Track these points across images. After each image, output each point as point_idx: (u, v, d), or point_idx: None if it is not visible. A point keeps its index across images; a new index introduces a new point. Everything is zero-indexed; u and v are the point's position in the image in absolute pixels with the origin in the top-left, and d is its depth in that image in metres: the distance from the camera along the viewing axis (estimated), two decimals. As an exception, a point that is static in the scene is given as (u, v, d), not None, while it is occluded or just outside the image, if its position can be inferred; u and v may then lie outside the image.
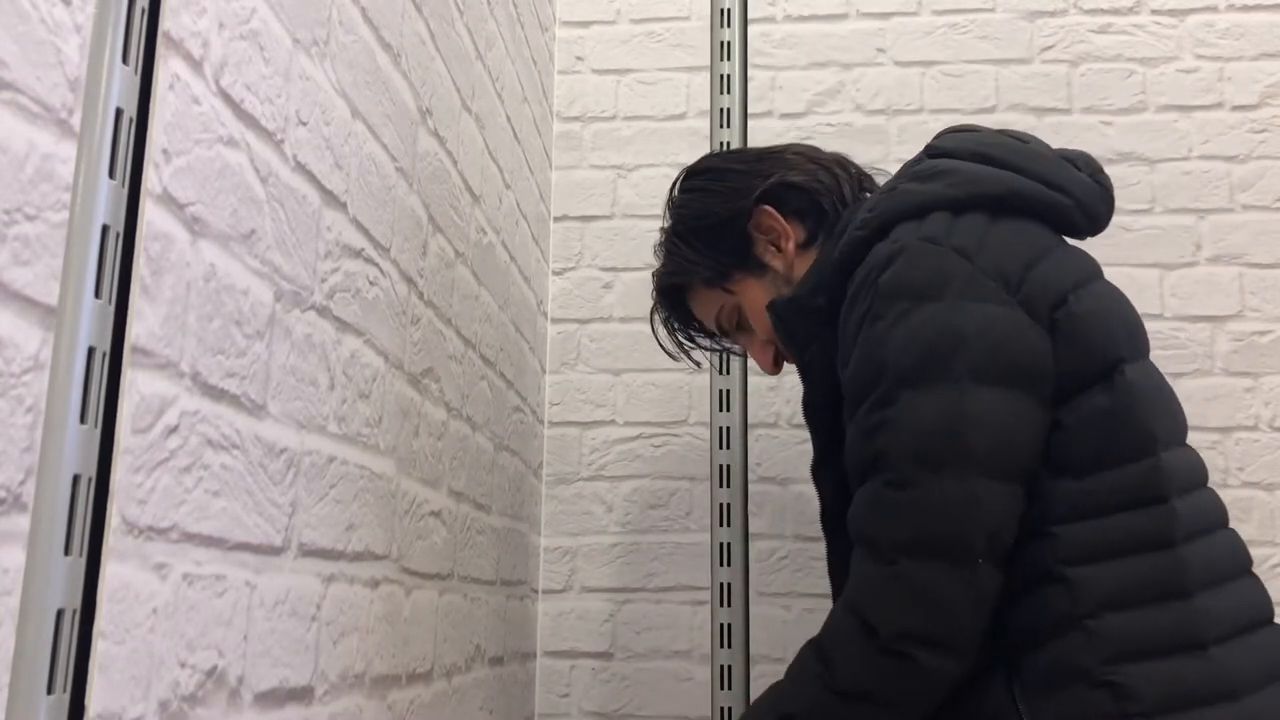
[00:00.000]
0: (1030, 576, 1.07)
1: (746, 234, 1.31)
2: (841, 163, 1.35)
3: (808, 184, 1.31)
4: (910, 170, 1.24)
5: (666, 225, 1.40)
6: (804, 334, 1.25)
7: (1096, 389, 1.10)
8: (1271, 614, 1.12)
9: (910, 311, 1.09)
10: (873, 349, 1.10)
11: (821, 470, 1.27)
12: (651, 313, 1.45)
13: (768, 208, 1.31)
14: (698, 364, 1.53)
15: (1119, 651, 1.03)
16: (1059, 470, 1.08)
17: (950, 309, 1.08)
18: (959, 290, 1.09)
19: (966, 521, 1.04)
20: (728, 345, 1.50)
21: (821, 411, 1.25)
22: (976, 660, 1.05)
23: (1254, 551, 1.17)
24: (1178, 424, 1.16)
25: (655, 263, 1.42)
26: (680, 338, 1.45)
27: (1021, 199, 1.17)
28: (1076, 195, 1.20)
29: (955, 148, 1.23)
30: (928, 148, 1.27)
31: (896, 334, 1.09)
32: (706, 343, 1.48)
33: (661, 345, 1.47)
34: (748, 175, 1.34)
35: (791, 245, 1.30)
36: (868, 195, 1.32)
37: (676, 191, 1.39)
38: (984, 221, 1.14)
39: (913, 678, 1.04)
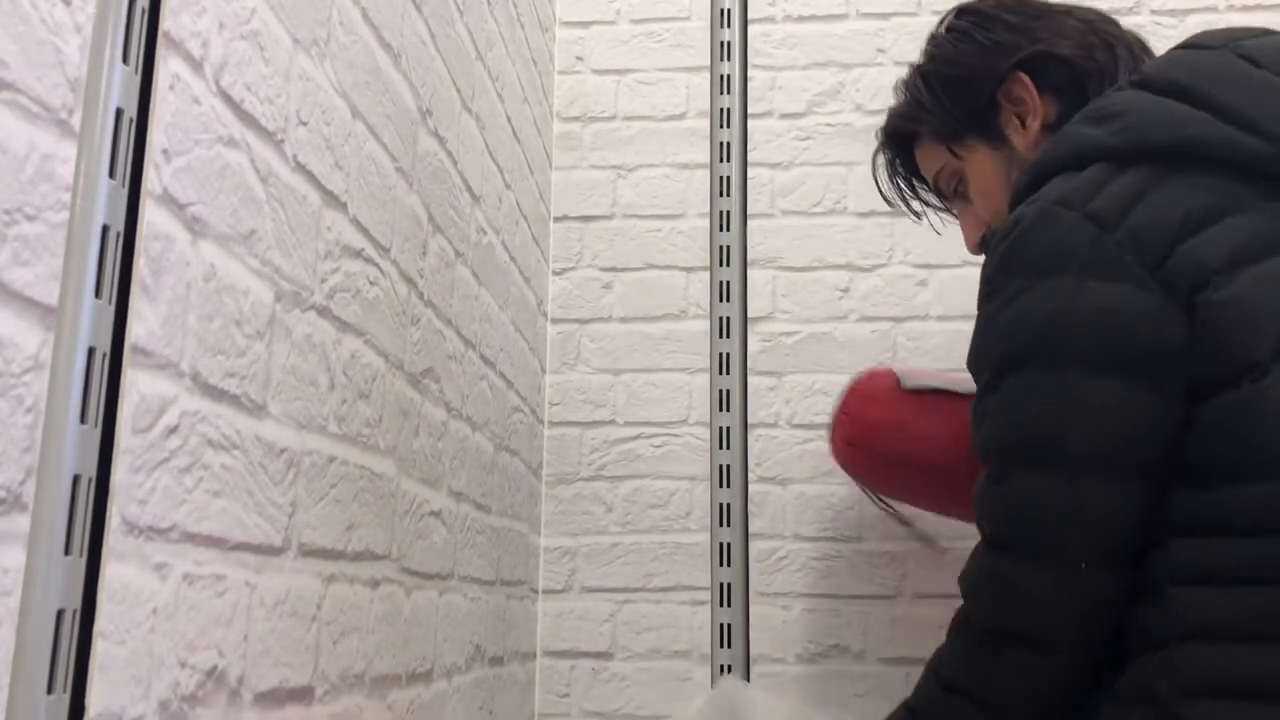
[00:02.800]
0: (1139, 587, 0.97)
1: (994, 98, 1.18)
2: (1129, 43, 1.18)
3: (1077, 59, 1.15)
4: (1093, 105, 1.09)
5: (917, 63, 1.27)
6: None
7: (1226, 393, 0.95)
8: None
9: (1026, 290, 1.00)
10: (984, 331, 1.04)
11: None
12: (875, 154, 1.34)
13: (1024, 76, 1.16)
14: (917, 215, 1.36)
15: (1200, 685, 0.92)
16: (1182, 477, 0.96)
17: (1071, 287, 0.98)
18: (1083, 265, 0.98)
19: (1062, 523, 0.97)
20: (947, 206, 1.33)
21: None
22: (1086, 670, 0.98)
23: (1254, 551, 1.16)
24: None
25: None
26: (901, 184, 1.33)
27: (1202, 149, 1.00)
28: None
29: (1157, 75, 1.07)
30: (1137, 72, 1.11)
31: (1008, 315, 1.01)
32: (927, 198, 1.33)
33: (879, 188, 1.35)
34: (1016, 31, 1.19)
35: (1037, 124, 1.16)
36: None
37: (940, 28, 1.26)
38: (1148, 178, 1.00)
39: (1000, 674, 1.00)
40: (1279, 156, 0.99)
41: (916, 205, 1.34)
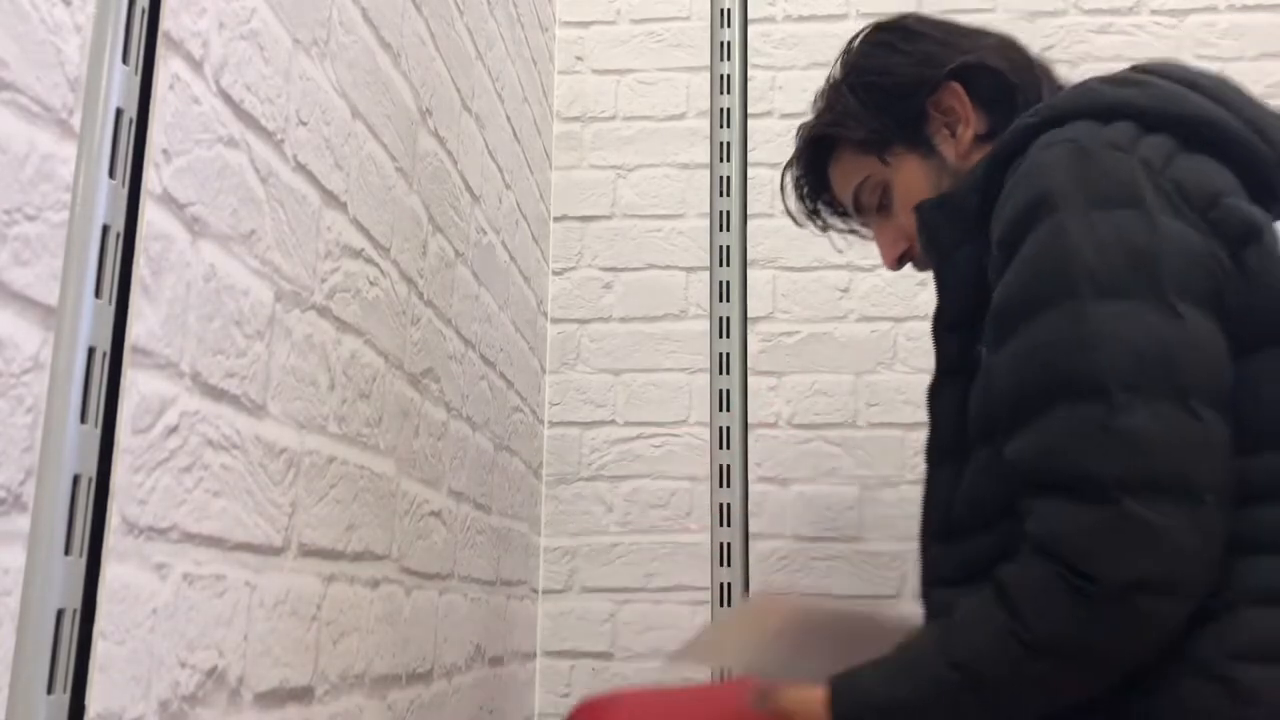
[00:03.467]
0: None
1: (923, 108, 1.17)
2: (1045, 67, 1.21)
3: (1007, 72, 1.16)
4: (1104, 76, 1.09)
5: (836, 76, 1.25)
6: (948, 239, 1.11)
7: (1272, 351, 0.94)
8: None
9: (1102, 215, 0.95)
10: (1058, 253, 0.95)
11: (942, 392, 1.13)
12: (784, 169, 1.31)
13: (956, 86, 1.16)
14: (822, 229, 1.34)
15: (1248, 648, 0.90)
16: None
17: (1148, 218, 0.94)
18: (1153, 202, 0.95)
19: (1193, 454, 0.90)
20: (853, 226, 1.32)
21: (952, 328, 1.12)
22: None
23: (1254, 551, 1.16)
24: None
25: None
26: (807, 203, 1.30)
27: (1219, 132, 1.01)
28: None
29: (1163, 69, 1.08)
30: (1133, 66, 1.12)
31: (1091, 238, 0.94)
32: (830, 219, 1.31)
33: (786, 206, 1.32)
34: (944, 46, 1.19)
35: (969, 134, 1.16)
36: None
37: (857, 43, 1.25)
38: (1172, 145, 0.99)
39: (1132, 627, 0.90)
40: (1279, 163, 1.01)
41: (821, 221, 1.31)
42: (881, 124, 1.18)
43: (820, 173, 1.26)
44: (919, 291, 1.92)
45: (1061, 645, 0.91)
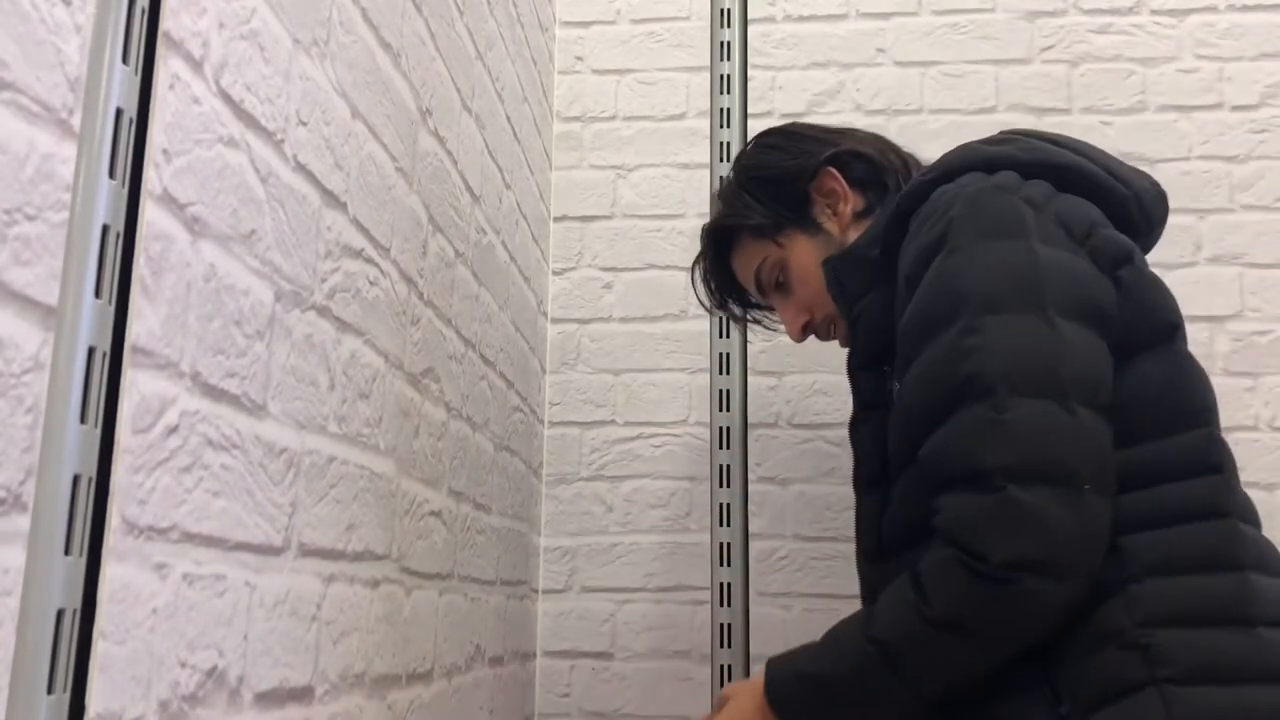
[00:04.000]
0: None
1: (806, 193, 1.34)
2: (912, 158, 1.39)
3: (876, 157, 1.35)
4: (979, 140, 1.26)
5: (727, 175, 1.44)
6: (856, 287, 1.25)
7: (1155, 352, 1.09)
8: None
9: (990, 246, 1.08)
10: (951, 279, 1.09)
11: (861, 427, 1.26)
12: (694, 264, 1.48)
13: (832, 170, 1.34)
14: (735, 318, 1.57)
15: (1156, 614, 1.00)
16: (1117, 437, 1.05)
17: (1029, 247, 1.07)
18: (1034, 232, 1.08)
19: (1070, 445, 1.01)
20: (754, 315, 1.52)
21: (865, 369, 1.25)
22: (1084, 595, 1.02)
23: (1254, 551, 1.17)
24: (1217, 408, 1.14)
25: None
26: (715, 295, 1.48)
27: (1083, 176, 1.17)
28: (1135, 189, 1.19)
29: (1026, 131, 1.26)
30: (999, 132, 1.30)
31: (978, 264, 1.08)
32: (737, 309, 1.50)
33: (699, 297, 1.50)
34: (820, 142, 1.37)
35: (848, 210, 1.33)
36: None
37: (749, 148, 1.44)
38: (1049, 188, 1.15)
39: (1017, 604, 1.00)
40: (1137, 201, 1.19)
41: (734, 309, 1.49)
42: (773, 211, 1.36)
43: (724, 263, 1.43)
44: (919, 291, 1.92)
45: (960, 621, 1.02)
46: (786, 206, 1.35)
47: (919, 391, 1.09)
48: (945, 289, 1.09)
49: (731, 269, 1.43)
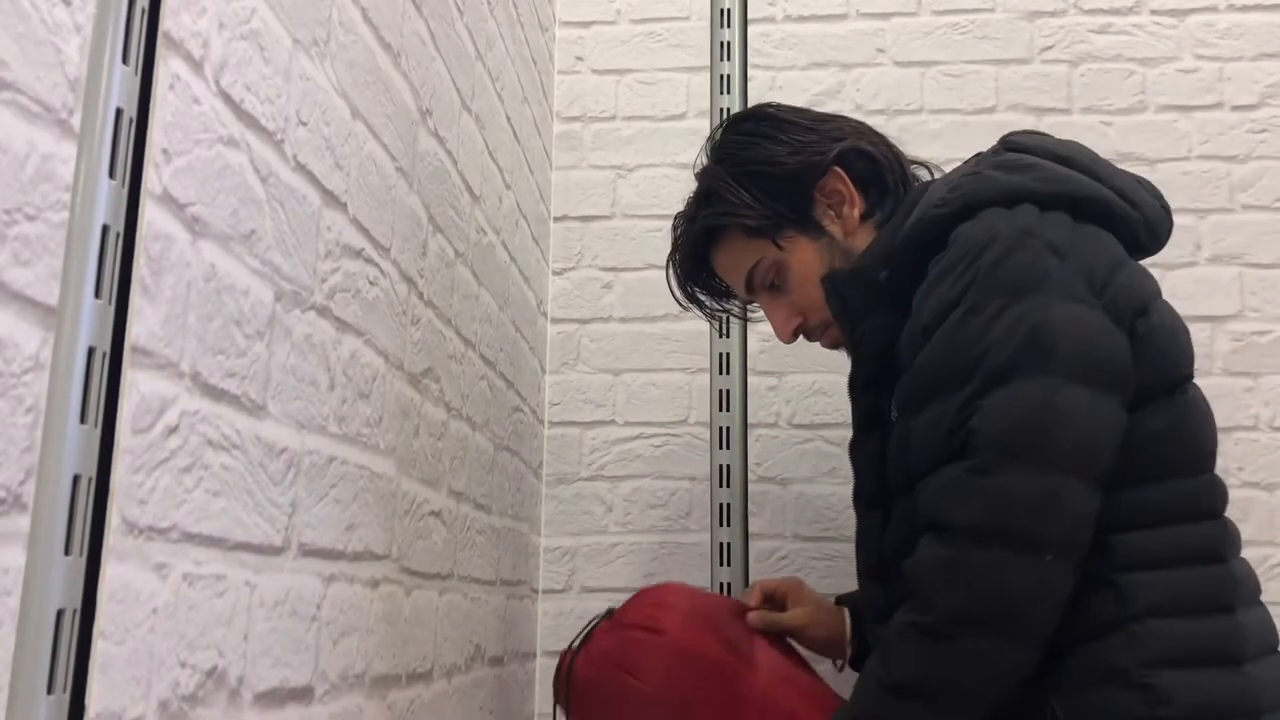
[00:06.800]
0: (1083, 579, 1.06)
1: (811, 193, 1.28)
2: (901, 153, 1.34)
3: (879, 155, 1.30)
4: (990, 160, 1.21)
5: (712, 165, 1.33)
6: (860, 308, 1.23)
7: (1162, 402, 1.11)
8: (1276, 640, 1.14)
9: (1008, 306, 1.07)
10: (968, 341, 1.08)
11: (862, 447, 1.25)
12: (669, 258, 1.40)
13: (839, 170, 1.28)
14: (710, 318, 1.48)
15: (1159, 656, 1.04)
16: (1121, 479, 1.07)
17: (1046, 305, 1.07)
18: (1054, 288, 1.08)
19: (1042, 516, 1.03)
20: (729, 308, 1.44)
21: (866, 388, 1.24)
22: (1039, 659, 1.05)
23: (1254, 551, 1.19)
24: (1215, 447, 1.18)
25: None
26: (688, 289, 1.40)
27: (1100, 205, 1.16)
28: (1145, 212, 1.19)
29: (1034, 145, 1.22)
30: (1004, 141, 1.25)
31: (995, 329, 1.07)
32: (708, 301, 1.42)
33: (672, 292, 1.42)
34: (815, 134, 1.30)
35: (856, 213, 1.28)
36: (917, 180, 1.32)
37: (724, 135, 1.35)
38: (1069, 222, 1.13)
39: (962, 663, 1.03)
40: (1145, 224, 1.19)
41: (700, 304, 1.42)
42: (774, 211, 1.28)
43: (703, 258, 1.36)
44: (919, 291, 1.92)
45: (913, 684, 1.05)
46: (788, 206, 1.28)
47: (921, 442, 1.11)
48: (960, 350, 1.08)
49: (710, 264, 1.36)
